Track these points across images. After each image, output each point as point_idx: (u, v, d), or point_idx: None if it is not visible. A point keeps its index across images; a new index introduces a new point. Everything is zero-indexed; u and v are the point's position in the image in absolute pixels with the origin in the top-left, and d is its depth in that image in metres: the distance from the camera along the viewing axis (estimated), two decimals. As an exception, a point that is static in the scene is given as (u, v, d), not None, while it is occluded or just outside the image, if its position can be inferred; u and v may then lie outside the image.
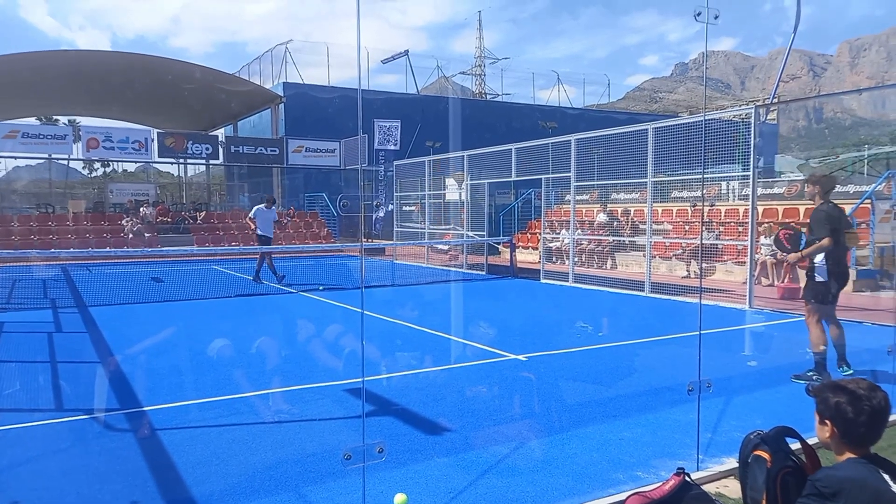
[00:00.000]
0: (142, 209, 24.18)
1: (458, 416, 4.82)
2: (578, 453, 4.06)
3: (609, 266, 16.06)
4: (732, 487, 3.46)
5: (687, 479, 3.03)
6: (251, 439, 4.33)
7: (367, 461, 2.93)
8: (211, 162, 28.04)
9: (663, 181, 14.10)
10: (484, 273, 15.68)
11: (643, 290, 11.63)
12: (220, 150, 27.18)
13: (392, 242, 19.87)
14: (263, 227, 13.56)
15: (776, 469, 2.66)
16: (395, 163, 20.60)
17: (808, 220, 5.91)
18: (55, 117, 38.78)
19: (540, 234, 15.85)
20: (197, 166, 32.31)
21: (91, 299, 11.43)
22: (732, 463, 3.68)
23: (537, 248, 17.25)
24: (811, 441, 2.82)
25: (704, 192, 15.46)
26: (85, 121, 31.54)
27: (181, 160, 28.46)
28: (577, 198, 13.69)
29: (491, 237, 17.93)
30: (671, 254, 15.30)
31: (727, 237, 14.30)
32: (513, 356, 6.73)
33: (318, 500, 3.43)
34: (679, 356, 6.61)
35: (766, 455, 2.71)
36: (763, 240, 12.98)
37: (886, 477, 2.22)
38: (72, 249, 17.61)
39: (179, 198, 32.38)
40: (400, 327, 8.64)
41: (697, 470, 3.67)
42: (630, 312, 10.19)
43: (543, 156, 13.70)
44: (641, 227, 14.85)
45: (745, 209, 12.77)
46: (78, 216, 23.79)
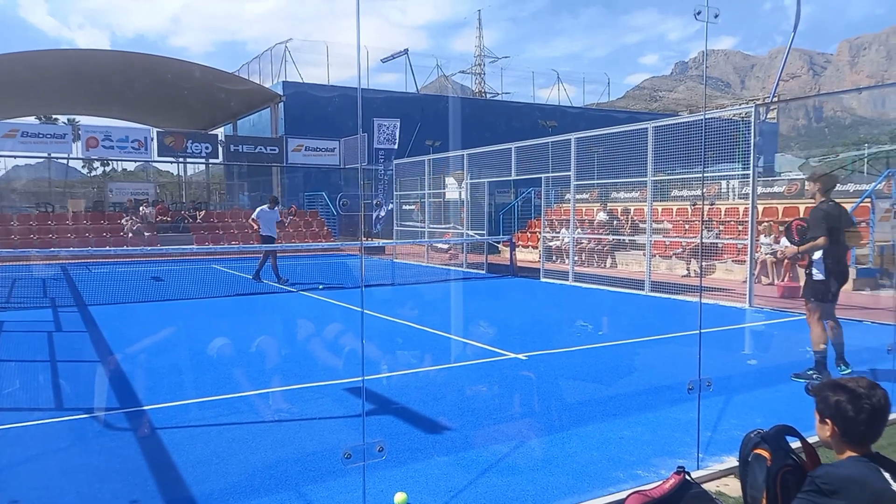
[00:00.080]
0: (141, 208, 24.19)
1: (459, 414, 4.82)
2: (578, 452, 4.06)
3: (609, 265, 16.07)
4: (733, 486, 3.45)
5: (687, 477, 3.03)
6: (251, 438, 4.32)
7: (367, 460, 2.93)
8: (210, 161, 28.04)
9: (663, 180, 14.10)
10: (484, 272, 15.67)
11: (643, 289, 11.63)
12: (220, 150, 27.18)
13: (392, 241, 19.87)
14: (267, 228, 13.57)
15: (776, 468, 2.66)
16: (395, 162, 20.60)
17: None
18: (55, 116, 38.76)
19: (540, 232, 15.85)
20: (196, 165, 32.36)
21: (91, 298, 11.43)
22: (733, 462, 3.68)
23: (537, 247, 17.25)
24: (811, 440, 2.82)
25: (704, 190, 15.46)
26: (84, 120, 31.52)
27: (181, 159, 28.47)
28: (577, 197, 13.69)
29: (491, 236, 17.93)
30: (671, 253, 15.30)
31: (727, 236, 14.29)
32: (513, 355, 6.73)
33: (318, 498, 3.43)
34: (679, 355, 6.61)
35: (766, 454, 2.71)
36: (763, 238, 12.98)
37: (887, 475, 2.22)
38: (71, 248, 17.60)
39: (179, 197, 32.38)
40: (400, 326, 8.64)
41: (698, 468, 3.67)
42: (630, 311, 10.19)
43: (543, 155, 13.70)
44: (641, 225, 14.84)
45: (745, 208, 12.78)
46: (77, 215, 23.80)
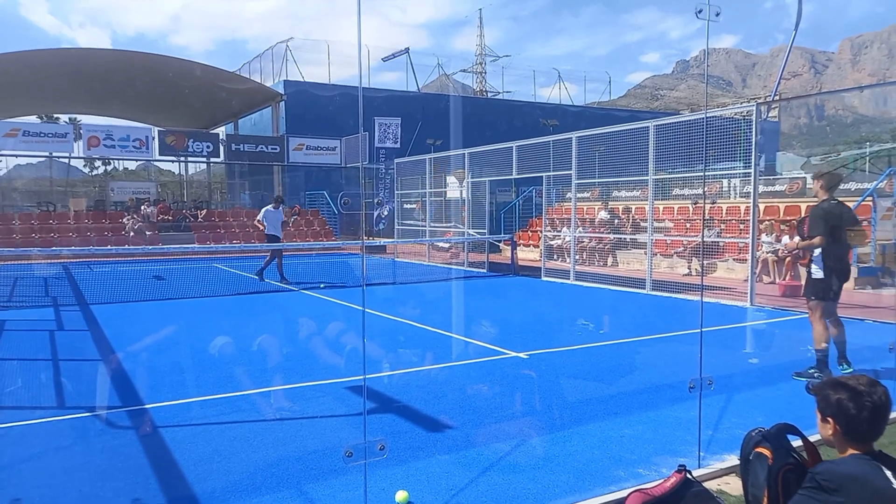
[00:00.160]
0: (143, 207, 24.21)
1: (460, 413, 4.83)
2: (580, 450, 4.06)
3: (610, 264, 16.07)
4: (734, 485, 3.46)
5: (688, 476, 3.03)
6: (253, 437, 4.33)
7: (368, 458, 2.93)
8: (212, 160, 28.06)
9: (664, 179, 14.08)
10: (485, 271, 15.68)
11: (644, 288, 11.62)
12: (221, 148, 27.20)
13: (393, 240, 19.87)
14: (272, 228, 13.57)
15: (778, 466, 2.65)
16: (396, 160, 20.58)
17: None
18: (56, 115, 38.81)
19: (541, 231, 15.85)
20: (198, 164, 32.39)
21: (92, 297, 11.45)
22: (734, 460, 3.67)
23: (538, 246, 17.25)
24: (813, 438, 2.82)
25: (706, 189, 15.45)
26: (86, 119, 31.49)
27: (182, 158, 28.50)
28: (578, 195, 13.69)
29: (492, 235, 17.92)
30: (672, 251, 15.29)
31: (728, 235, 14.29)
32: (514, 354, 6.73)
33: (319, 497, 3.44)
34: (680, 354, 6.61)
35: (767, 452, 2.71)
36: (764, 237, 12.97)
37: (888, 473, 2.22)
38: (73, 248, 17.64)
39: (180, 196, 32.41)
40: (401, 325, 8.64)
41: (699, 467, 3.66)
42: (631, 310, 10.19)
43: (544, 153, 13.70)
44: (643, 224, 14.83)
45: (747, 207, 12.76)
46: (79, 214, 23.83)
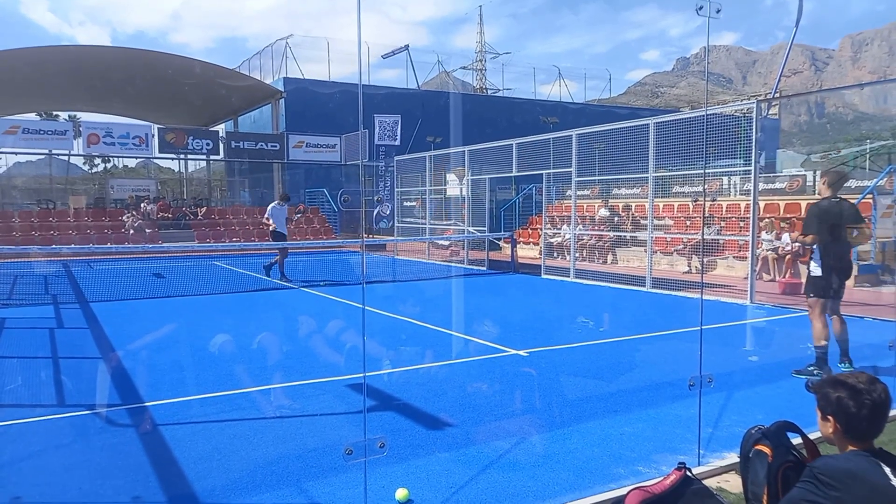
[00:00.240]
0: (143, 205, 24.21)
1: (460, 411, 4.83)
2: (579, 448, 4.06)
3: (610, 261, 16.07)
4: (734, 482, 3.46)
5: (688, 473, 3.03)
6: (253, 434, 4.33)
7: (368, 456, 2.93)
8: (211, 157, 28.04)
9: (664, 176, 14.07)
10: (485, 268, 15.68)
11: (644, 286, 11.63)
12: (221, 146, 27.19)
13: (393, 238, 19.87)
14: (280, 225, 13.55)
15: (777, 464, 2.66)
16: (396, 158, 20.57)
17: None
18: (55, 113, 38.80)
19: (541, 229, 15.85)
20: (197, 162, 32.35)
21: (92, 295, 11.44)
22: (734, 458, 3.67)
23: (538, 244, 17.25)
24: (813, 436, 2.82)
25: (706, 187, 15.44)
26: (85, 116, 31.48)
27: (182, 156, 28.50)
28: (578, 193, 13.68)
29: (492, 233, 17.91)
30: (672, 249, 15.28)
31: (728, 232, 14.28)
32: (514, 351, 6.73)
33: (319, 494, 3.44)
34: (680, 351, 6.61)
35: (767, 450, 2.71)
36: (764, 235, 12.96)
37: (887, 470, 2.22)
38: (73, 245, 17.65)
39: (180, 193, 32.38)
40: (401, 323, 8.65)
41: (698, 465, 3.67)
42: (631, 308, 10.19)
43: (544, 151, 13.69)
44: (643, 222, 14.83)
45: (747, 204, 12.75)
46: (79, 212, 23.83)
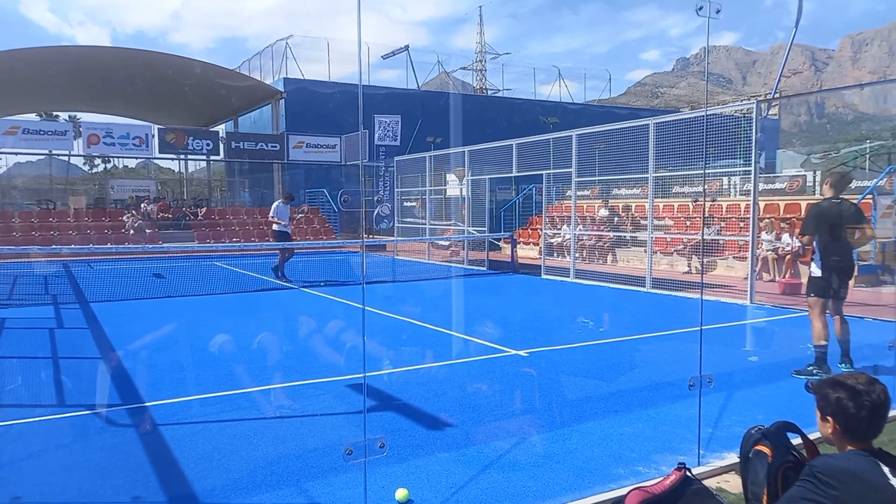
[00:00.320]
0: (143, 205, 24.21)
1: (460, 411, 4.83)
2: (579, 448, 4.06)
3: (610, 261, 16.07)
4: (733, 482, 3.46)
5: (688, 473, 3.03)
6: (253, 434, 4.33)
7: (368, 456, 2.93)
8: (211, 158, 28.05)
9: (664, 176, 14.07)
10: (485, 269, 15.67)
11: (644, 286, 11.62)
12: (221, 146, 27.19)
13: (393, 239, 19.87)
14: (284, 224, 13.55)
15: (777, 464, 2.66)
16: (396, 158, 20.57)
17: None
18: (55, 113, 38.78)
19: (541, 229, 15.85)
20: (198, 162, 32.37)
21: (92, 295, 11.44)
22: (733, 458, 3.67)
23: (538, 244, 17.25)
24: (812, 436, 2.82)
25: (706, 187, 15.44)
26: (85, 117, 31.48)
27: (182, 156, 28.51)
28: (578, 193, 13.68)
29: (492, 233, 17.92)
30: (672, 249, 15.28)
31: (728, 232, 14.28)
32: (514, 352, 6.73)
33: (319, 494, 3.44)
34: (680, 351, 6.61)
35: (767, 450, 2.72)
36: (764, 235, 12.96)
37: (886, 470, 2.22)
38: (73, 246, 17.65)
39: (180, 194, 32.39)
40: (401, 323, 8.65)
41: (698, 465, 3.67)
42: (631, 308, 10.19)
43: (544, 151, 13.68)
44: (643, 222, 14.83)
45: (747, 204, 12.75)
46: (79, 212, 23.83)
